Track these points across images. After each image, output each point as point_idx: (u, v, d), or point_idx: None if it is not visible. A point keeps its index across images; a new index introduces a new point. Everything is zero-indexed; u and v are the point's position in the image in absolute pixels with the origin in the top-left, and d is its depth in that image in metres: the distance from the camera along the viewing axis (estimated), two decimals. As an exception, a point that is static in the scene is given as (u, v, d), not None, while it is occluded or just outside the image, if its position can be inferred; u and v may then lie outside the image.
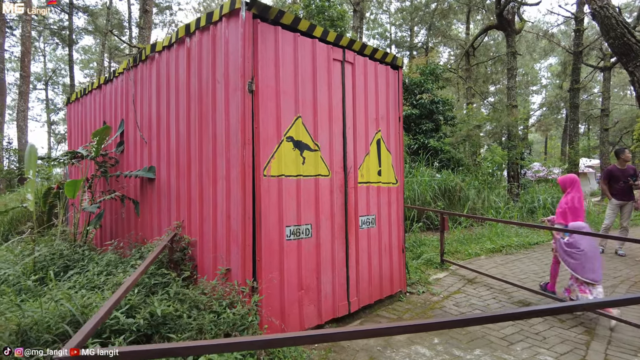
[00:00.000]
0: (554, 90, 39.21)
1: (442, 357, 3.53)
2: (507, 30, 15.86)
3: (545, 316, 4.38)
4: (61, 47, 32.90)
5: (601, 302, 1.95)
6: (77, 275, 3.79)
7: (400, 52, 36.10)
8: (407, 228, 9.42)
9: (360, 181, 4.56)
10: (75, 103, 6.91)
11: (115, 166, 5.42)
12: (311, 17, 15.55)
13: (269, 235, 3.53)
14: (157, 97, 4.58)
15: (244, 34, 3.36)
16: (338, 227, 4.27)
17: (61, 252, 4.30)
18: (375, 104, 4.81)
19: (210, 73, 3.75)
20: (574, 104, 19.32)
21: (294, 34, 3.83)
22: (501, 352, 3.64)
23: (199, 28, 3.89)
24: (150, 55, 4.70)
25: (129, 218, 5.12)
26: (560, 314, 4.50)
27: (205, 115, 3.80)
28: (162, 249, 3.39)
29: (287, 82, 3.75)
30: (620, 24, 5.00)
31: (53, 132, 41.64)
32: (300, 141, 3.87)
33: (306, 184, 3.91)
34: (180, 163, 4.17)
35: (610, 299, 1.97)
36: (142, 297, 3.11)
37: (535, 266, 6.90)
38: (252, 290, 3.30)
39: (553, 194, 14.08)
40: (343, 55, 4.39)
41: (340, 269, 4.28)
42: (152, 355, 1.41)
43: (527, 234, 9.81)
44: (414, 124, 15.36)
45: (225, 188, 3.49)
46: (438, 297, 5.17)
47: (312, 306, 3.95)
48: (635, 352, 3.65)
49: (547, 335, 4.03)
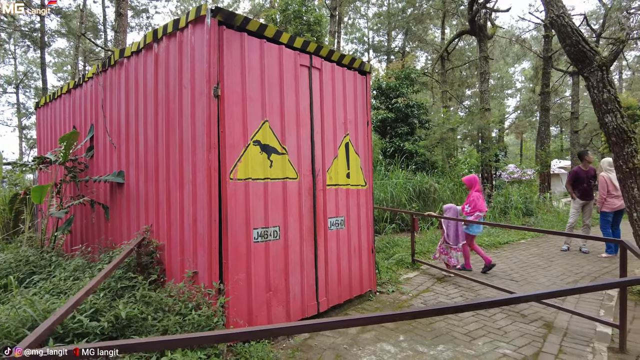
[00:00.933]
0: (527, 93, 40.32)
1: (406, 353, 3.65)
2: (479, 35, 16.31)
3: (490, 308, 4.56)
4: (33, 50, 32.12)
5: (542, 293, 2.08)
6: (42, 282, 3.76)
7: (378, 57, 36.58)
8: (381, 229, 9.58)
9: (328, 184, 4.66)
10: (45, 107, 6.81)
11: (85, 171, 5.38)
12: (288, 21, 15.63)
13: (235, 237, 3.59)
14: (126, 102, 4.59)
15: (209, 41, 3.43)
16: (307, 228, 4.36)
17: (27, 258, 4.25)
18: (344, 108, 4.93)
19: (177, 78, 3.80)
20: (545, 107, 19.93)
21: (260, 41, 3.91)
22: (463, 347, 3.78)
23: (166, 34, 3.94)
24: (119, 60, 4.71)
25: (99, 223, 5.09)
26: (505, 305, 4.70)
27: (173, 120, 3.84)
28: (128, 252, 3.41)
29: (253, 87, 3.83)
30: (575, 32, 5.26)
31: (25, 137, 40.52)
32: (268, 145, 3.95)
33: (274, 187, 3.98)
34: (148, 168, 4.19)
35: (550, 291, 2.12)
36: (107, 301, 3.13)
37: (503, 265, 7.13)
38: (218, 292, 3.35)
39: (525, 194, 14.53)
40: (310, 61, 4.49)
41: (309, 270, 4.36)
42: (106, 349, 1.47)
43: (498, 234, 10.10)
44: (390, 128, 15.61)
45: (192, 192, 3.54)
46: (407, 296, 5.30)
47: (281, 307, 4.02)
48: (588, 342, 3.86)
49: (508, 330, 4.20)
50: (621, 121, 5.18)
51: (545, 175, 17.97)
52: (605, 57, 5.19)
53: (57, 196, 5.05)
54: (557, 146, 35.56)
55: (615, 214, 7.48)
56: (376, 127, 15.85)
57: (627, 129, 5.17)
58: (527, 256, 7.87)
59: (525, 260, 7.51)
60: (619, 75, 40.96)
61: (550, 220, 12.56)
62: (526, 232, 10.46)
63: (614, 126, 5.23)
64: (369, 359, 3.52)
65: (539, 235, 10.37)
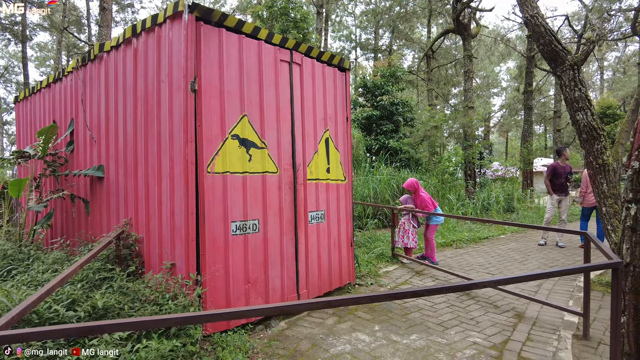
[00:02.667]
0: (512, 92, 40.89)
1: (380, 342, 3.76)
2: (463, 34, 16.52)
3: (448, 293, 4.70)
4: (14, 44, 31.48)
5: (499, 280, 2.20)
6: (20, 275, 3.78)
7: (365, 54, 36.69)
8: (363, 225, 9.71)
9: (309, 178, 4.75)
10: (24, 102, 6.76)
11: (65, 165, 5.37)
12: (274, 18, 15.64)
13: (213, 230, 3.65)
14: (105, 97, 4.61)
15: (186, 36, 3.48)
16: (287, 222, 4.43)
17: (5, 252, 4.25)
18: (324, 104, 5.01)
19: (155, 73, 3.84)
20: (528, 106, 20.28)
21: (238, 36, 3.97)
22: (436, 336, 3.90)
23: (144, 29, 3.97)
24: (98, 54, 4.72)
25: (79, 217, 5.10)
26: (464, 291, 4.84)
27: (151, 114, 3.88)
28: (106, 244, 3.45)
29: (232, 81, 3.89)
30: (548, 32, 5.42)
31: (6, 132, 39.79)
32: (247, 139, 4.01)
33: (253, 181, 4.05)
34: (127, 162, 4.22)
35: (508, 277, 2.23)
36: (85, 292, 3.17)
37: (481, 259, 7.31)
38: (195, 283, 3.41)
39: (507, 191, 14.81)
40: (291, 57, 4.56)
41: (290, 263, 4.45)
42: (52, 336, 1.52)
43: (479, 229, 10.31)
44: (375, 125, 15.75)
45: (170, 185, 3.59)
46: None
47: (260, 299, 4.10)
48: (555, 331, 4.02)
49: (480, 320, 4.35)
50: (591, 119, 5.36)
51: (528, 172, 18.33)
52: (577, 57, 5.37)
53: (36, 190, 5.04)
54: (541, 144, 36.20)
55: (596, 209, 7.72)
56: (361, 125, 15.97)
57: (597, 126, 5.35)
58: (505, 250, 8.07)
59: (503, 254, 7.71)
60: (601, 76, 41.85)
61: (530, 216, 12.84)
62: (506, 227, 10.69)
63: (584, 123, 5.41)
64: (344, 347, 3.63)
65: (518, 230, 10.62)
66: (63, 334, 1.54)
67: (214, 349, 3.33)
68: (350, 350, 3.57)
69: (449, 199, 12.28)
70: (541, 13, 5.50)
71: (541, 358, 3.44)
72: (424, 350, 3.59)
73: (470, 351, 3.57)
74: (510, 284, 2.51)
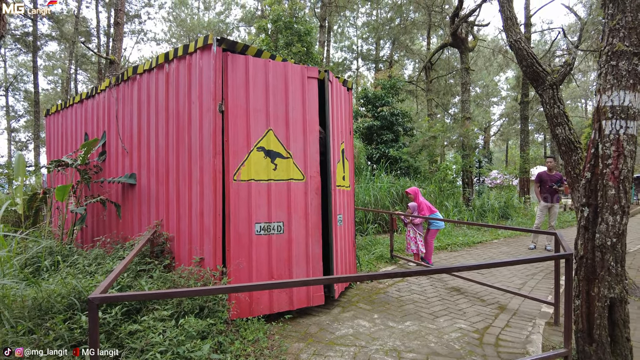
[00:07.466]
0: (511, 102, 41.61)
1: (378, 327, 4.36)
2: (461, 47, 17.21)
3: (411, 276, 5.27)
4: (24, 53, 32.34)
5: (473, 265, 2.80)
6: (68, 268, 4.38)
7: (366, 64, 37.47)
8: (364, 230, 10.31)
9: (337, 184, 5.30)
10: (55, 115, 7.41)
11: (98, 173, 6.01)
12: (279, 32, 16.35)
13: (237, 229, 4.26)
14: (138, 113, 5.25)
15: (215, 65, 4.13)
16: (313, 225, 4.81)
17: (51, 249, 4.86)
18: (341, 118, 5.63)
19: (186, 95, 4.48)
20: (524, 116, 20.93)
21: (264, 60, 4.57)
22: (427, 323, 4.50)
23: (176, 57, 4.62)
24: (131, 76, 5.37)
25: (110, 220, 5.72)
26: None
27: (182, 130, 4.52)
28: (147, 240, 4.07)
29: (258, 100, 4.45)
30: (530, 55, 6.07)
31: (13, 139, 40.49)
32: (272, 150, 4.54)
33: (278, 187, 4.56)
34: (159, 171, 4.85)
35: (478, 263, 2.83)
36: (130, 280, 3.78)
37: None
38: (222, 274, 4.02)
39: (501, 199, 15.41)
40: (327, 75, 5.07)
41: (316, 262, 4.80)
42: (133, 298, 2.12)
43: (473, 234, 10.90)
44: (375, 135, 16.40)
45: (199, 191, 4.22)
46: (383, 285, 6.02)
47: (284, 294, 4.60)
48: (531, 319, 4.61)
49: (467, 311, 4.94)
50: (569, 133, 5.98)
51: (525, 180, 18.93)
52: (555, 77, 6.00)
53: (74, 195, 5.66)
54: (540, 153, 36.80)
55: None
56: (363, 134, 16.63)
57: (574, 139, 5.97)
58: (497, 254, 8.66)
59: (494, 257, 8.29)
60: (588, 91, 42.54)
61: (524, 222, 13.43)
62: (499, 232, 11.29)
63: (563, 137, 6.03)
64: (347, 331, 4.23)
65: (511, 235, 11.20)
66: (146, 297, 2.15)
67: (237, 330, 3.93)
68: (352, 333, 4.17)
69: (446, 206, 12.87)
70: (524, 38, 6.15)
71: (516, 339, 4.03)
72: (416, 333, 4.18)
73: (455, 334, 4.17)
74: (482, 269, 3.10)
